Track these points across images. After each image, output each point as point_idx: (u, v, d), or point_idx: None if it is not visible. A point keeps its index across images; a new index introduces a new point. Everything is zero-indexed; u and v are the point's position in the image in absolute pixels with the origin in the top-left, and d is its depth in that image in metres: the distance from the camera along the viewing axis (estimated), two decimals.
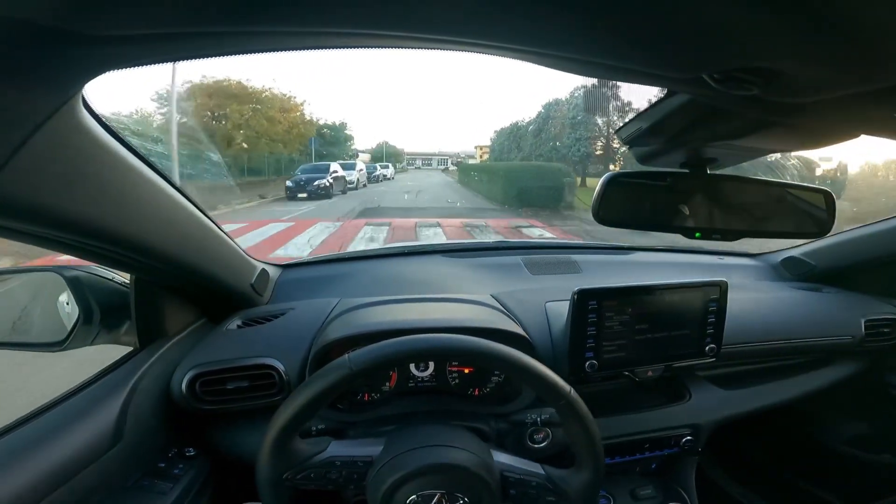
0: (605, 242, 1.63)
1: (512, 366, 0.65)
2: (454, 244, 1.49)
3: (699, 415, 1.07)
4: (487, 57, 0.39)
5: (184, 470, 0.80)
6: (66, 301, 0.82)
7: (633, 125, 0.59)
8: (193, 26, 0.33)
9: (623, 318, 0.93)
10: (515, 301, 1.05)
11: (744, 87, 0.36)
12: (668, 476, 1.18)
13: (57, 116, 0.42)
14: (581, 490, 0.67)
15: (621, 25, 0.31)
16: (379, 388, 0.93)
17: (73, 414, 0.69)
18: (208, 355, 0.85)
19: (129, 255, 0.67)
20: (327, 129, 27.23)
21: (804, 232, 0.77)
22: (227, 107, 19.66)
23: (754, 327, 1.11)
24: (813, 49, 0.32)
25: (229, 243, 0.92)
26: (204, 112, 19.21)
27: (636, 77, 0.41)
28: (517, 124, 24.84)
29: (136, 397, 0.75)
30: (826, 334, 1.16)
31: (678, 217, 0.64)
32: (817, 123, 0.48)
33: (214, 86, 19.28)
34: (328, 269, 1.29)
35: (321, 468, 0.65)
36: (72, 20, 0.31)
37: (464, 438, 0.71)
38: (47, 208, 0.48)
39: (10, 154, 0.40)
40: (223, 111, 19.58)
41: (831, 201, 0.70)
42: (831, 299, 1.28)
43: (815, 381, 1.20)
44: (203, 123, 18.05)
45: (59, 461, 0.62)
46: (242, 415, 0.87)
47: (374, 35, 0.34)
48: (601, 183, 0.63)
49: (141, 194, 0.62)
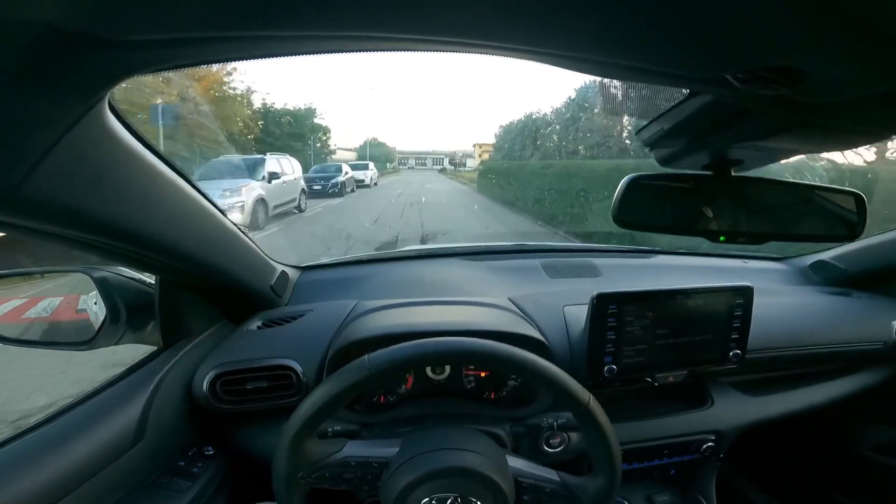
0: (625, 246, 1.60)
1: (530, 371, 0.64)
2: (472, 247, 1.49)
3: (722, 421, 1.05)
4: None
5: (202, 469, 0.82)
6: (94, 301, 0.84)
7: (655, 127, 0.58)
8: (216, 31, 0.33)
9: (644, 322, 0.91)
10: (533, 304, 1.04)
11: (770, 87, 0.35)
12: (686, 483, 1.15)
13: (84, 120, 0.43)
14: (596, 498, 0.66)
15: (641, 25, 0.30)
16: (395, 390, 0.94)
17: (96, 412, 0.70)
18: (229, 355, 0.87)
19: (154, 257, 0.68)
20: (287, 117, 21.13)
21: (834, 235, 0.74)
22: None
23: (781, 333, 1.08)
24: (842, 48, 0.31)
25: (250, 245, 0.93)
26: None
27: (657, 78, 0.40)
28: (531, 117, 20.43)
29: (158, 396, 0.77)
30: (856, 340, 1.12)
31: (701, 220, 0.63)
32: (848, 123, 0.46)
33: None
34: (346, 272, 1.30)
35: (336, 468, 0.65)
36: (99, 26, 0.31)
37: (479, 442, 0.70)
38: (75, 210, 0.49)
39: (40, 158, 0.41)
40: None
41: (862, 203, 0.67)
42: (862, 304, 1.24)
43: (844, 388, 1.16)
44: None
45: (83, 459, 0.64)
46: (261, 415, 0.88)
47: (394, 39, 0.34)
48: (621, 185, 0.62)
49: (165, 197, 0.63)
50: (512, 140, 21.76)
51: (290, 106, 22.23)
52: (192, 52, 0.37)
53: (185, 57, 0.39)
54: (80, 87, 0.40)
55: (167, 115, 8.25)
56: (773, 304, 1.13)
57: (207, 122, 10.93)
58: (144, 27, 0.32)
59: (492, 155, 27.85)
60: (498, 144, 24.41)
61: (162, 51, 0.36)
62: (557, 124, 18.82)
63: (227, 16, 0.31)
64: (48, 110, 0.39)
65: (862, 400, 1.18)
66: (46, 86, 0.37)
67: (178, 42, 0.34)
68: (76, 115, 0.42)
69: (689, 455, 1.04)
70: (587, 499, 0.67)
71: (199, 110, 10.81)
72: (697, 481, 1.14)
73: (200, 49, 0.36)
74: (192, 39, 0.34)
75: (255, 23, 0.32)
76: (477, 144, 40.68)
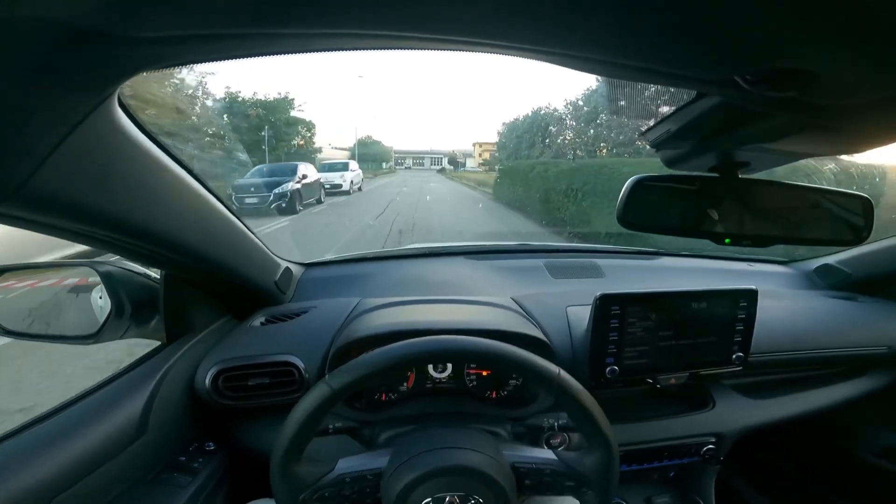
0: (629, 247, 1.60)
1: (495, 359, 0.64)
2: (476, 246, 1.49)
3: (723, 423, 1.04)
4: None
5: (203, 464, 0.82)
6: (99, 295, 0.85)
7: (661, 128, 0.58)
8: (225, 28, 0.33)
9: (647, 324, 0.91)
10: (536, 304, 1.04)
11: (779, 89, 0.35)
12: (686, 485, 1.15)
13: (94, 115, 0.44)
14: (598, 470, 0.66)
15: (650, 25, 0.30)
16: (396, 388, 0.94)
17: (100, 406, 0.71)
18: (232, 351, 0.87)
19: (160, 251, 0.69)
20: (257, 108, 17.42)
21: (840, 239, 0.74)
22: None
23: (785, 336, 1.07)
24: (853, 50, 0.30)
25: (255, 241, 0.93)
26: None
27: (665, 79, 0.40)
28: (539, 112, 17.88)
29: (161, 391, 0.77)
30: (860, 345, 1.12)
31: (707, 222, 0.63)
32: (858, 126, 0.46)
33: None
34: (350, 269, 1.31)
35: (334, 487, 0.65)
36: (108, 22, 0.31)
37: (470, 439, 0.70)
38: (83, 204, 0.50)
39: (49, 152, 0.42)
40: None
41: (869, 207, 0.67)
42: (867, 309, 1.23)
43: (847, 392, 1.16)
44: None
45: (85, 453, 0.64)
46: (262, 411, 0.88)
47: (402, 37, 0.34)
48: (626, 186, 0.61)
49: (172, 192, 0.63)
50: (518, 138, 19.38)
51: (266, 96, 18.39)
52: (200, 49, 0.37)
53: (194, 54, 0.39)
54: (90, 84, 0.40)
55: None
56: (777, 308, 1.12)
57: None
58: (154, 24, 0.32)
59: (493, 154, 26.88)
60: (502, 143, 22.21)
61: (170, 48, 0.36)
62: (573, 119, 16.36)
63: (234, 13, 0.32)
64: (57, 106, 0.40)
65: (864, 404, 1.18)
66: (56, 82, 0.37)
67: (186, 39, 0.35)
68: (85, 110, 0.42)
69: (689, 457, 1.04)
70: (589, 472, 0.66)
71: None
72: (697, 484, 1.14)
73: (208, 46, 0.37)
74: (200, 37, 0.34)
75: (262, 21, 0.32)
76: (477, 143, 39.18)
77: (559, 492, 0.68)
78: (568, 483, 0.67)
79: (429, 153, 45.14)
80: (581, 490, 0.67)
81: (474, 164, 36.29)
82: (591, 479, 0.66)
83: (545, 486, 0.68)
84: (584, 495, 0.67)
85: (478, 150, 37.62)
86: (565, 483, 0.67)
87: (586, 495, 0.67)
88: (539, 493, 0.68)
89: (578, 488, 0.67)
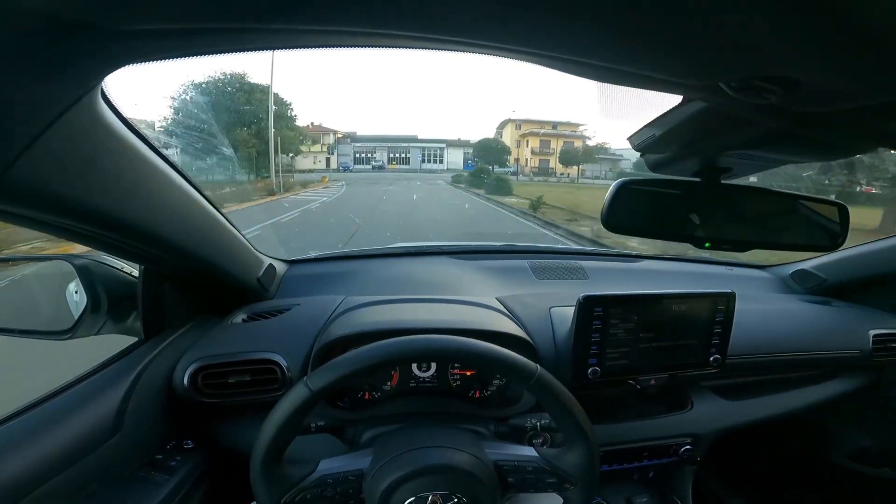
0: (613, 249, 1.62)
1: (475, 356, 0.64)
2: (461, 246, 1.49)
3: (700, 424, 1.06)
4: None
5: (181, 462, 0.80)
6: (75, 290, 0.82)
7: (646, 132, 0.59)
8: (211, 22, 0.33)
9: (628, 325, 0.92)
10: (520, 305, 1.05)
11: (762, 96, 0.36)
12: (664, 485, 1.17)
13: (76, 108, 0.43)
14: (579, 465, 0.66)
15: (637, 32, 0.30)
16: (380, 387, 0.93)
17: (74, 403, 0.69)
18: (212, 348, 0.86)
19: (140, 246, 0.67)
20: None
21: (816, 245, 0.76)
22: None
23: (761, 339, 1.10)
24: (834, 58, 0.31)
25: (238, 237, 0.92)
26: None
27: (651, 83, 0.40)
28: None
29: (138, 388, 0.76)
30: (833, 348, 1.15)
31: (688, 226, 0.64)
32: (836, 134, 0.47)
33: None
34: (334, 267, 1.30)
35: (316, 488, 0.64)
36: (92, 14, 0.31)
37: (453, 438, 0.70)
38: (62, 197, 0.49)
39: (29, 143, 0.41)
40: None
41: (845, 214, 0.69)
42: (840, 313, 1.27)
43: (820, 394, 1.19)
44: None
45: (59, 449, 0.63)
46: (243, 409, 0.87)
47: (393, 35, 0.34)
48: (611, 189, 0.62)
49: (154, 186, 0.62)
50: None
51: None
52: (186, 43, 0.37)
53: (180, 48, 0.38)
54: (73, 76, 0.39)
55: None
56: (754, 311, 1.15)
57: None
58: (138, 17, 0.32)
59: (569, 146, 14.54)
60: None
61: (156, 41, 0.36)
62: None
63: (222, 8, 0.31)
64: (38, 98, 0.39)
65: (836, 408, 1.21)
66: (38, 74, 0.36)
67: (172, 33, 0.34)
68: (67, 103, 0.42)
69: (667, 458, 1.06)
70: (570, 467, 0.66)
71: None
72: (675, 484, 1.16)
73: (194, 40, 0.36)
74: (186, 31, 0.34)
75: (250, 16, 0.32)
76: (511, 121, 21.34)
77: (542, 489, 0.68)
78: (550, 480, 0.67)
79: (420, 143, 26.41)
80: (563, 486, 0.67)
81: (516, 166, 20.30)
82: (573, 474, 0.66)
83: (528, 483, 0.68)
84: (566, 491, 0.68)
85: (513, 134, 20.34)
86: (548, 480, 0.67)
87: (569, 491, 0.68)
88: (522, 490, 0.69)
89: (560, 485, 0.67)
